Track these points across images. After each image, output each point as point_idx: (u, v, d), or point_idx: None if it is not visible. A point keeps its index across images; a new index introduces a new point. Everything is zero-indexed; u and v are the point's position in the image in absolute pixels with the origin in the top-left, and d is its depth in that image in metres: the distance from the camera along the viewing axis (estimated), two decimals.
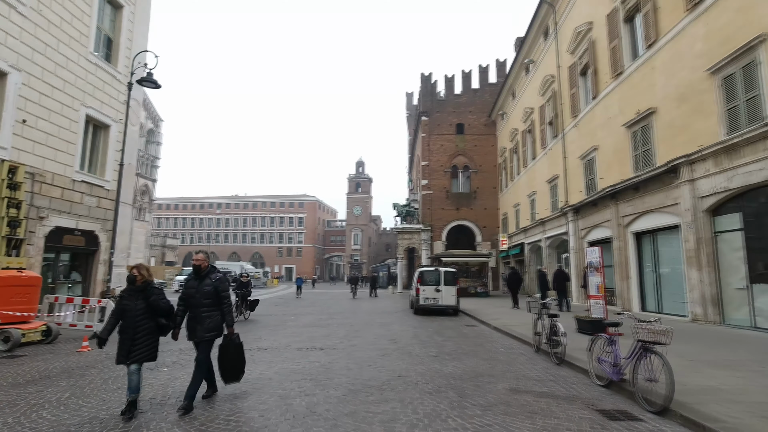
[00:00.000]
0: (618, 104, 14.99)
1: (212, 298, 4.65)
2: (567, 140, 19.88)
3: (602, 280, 9.02)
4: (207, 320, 4.61)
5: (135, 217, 50.83)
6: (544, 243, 23.16)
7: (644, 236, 14.04)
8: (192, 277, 4.80)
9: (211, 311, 4.66)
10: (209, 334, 4.61)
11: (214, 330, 4.65)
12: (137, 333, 4.33)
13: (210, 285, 4.68)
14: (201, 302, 4.63)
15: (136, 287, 4.44)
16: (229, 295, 4.81)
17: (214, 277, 4.73)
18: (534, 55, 24.72)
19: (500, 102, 32.58)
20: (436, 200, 34.40)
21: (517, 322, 12.00)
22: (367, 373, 6.02)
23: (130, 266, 4.64)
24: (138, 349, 4.31)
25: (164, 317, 4.57)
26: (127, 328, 4.34)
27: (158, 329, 4.55)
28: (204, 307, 4.63)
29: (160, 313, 4.50)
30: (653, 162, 12.90)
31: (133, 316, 4.36)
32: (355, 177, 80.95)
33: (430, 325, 12.15)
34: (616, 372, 4.97)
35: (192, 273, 4.84)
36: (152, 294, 4.46)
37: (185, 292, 4.72)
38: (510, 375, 5.97)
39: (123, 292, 4.54)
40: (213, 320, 4.65)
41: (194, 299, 4.65)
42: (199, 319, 4.60)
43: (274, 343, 8.74)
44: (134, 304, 4.39)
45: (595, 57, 16.76)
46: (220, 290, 4.68)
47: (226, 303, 4.73)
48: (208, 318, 4.63)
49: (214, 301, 4.67)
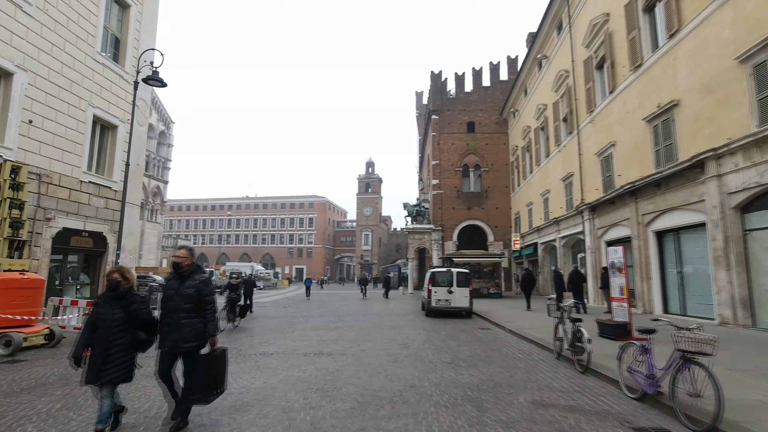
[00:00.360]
0: (637, 98, 14.40)
1: (194, 302, 4.01)
2: (582, 136, 19.28)
3: (626, 281, 8.52)
4: (187, 328, 3.94)
5: (147, 218, 51.31)
6: (559, 242, 22.55)
7: (666, 235, 13.43)
8: (172, 276, 4.16)
9: (193, 318, 3.99)
10: (188, 345, 3.93)
11: (195, 340, 3.96)
12: (111, 348, 3.69)
13: (192, 287, 4.03)
14: (181, 306, 3.96)
15: (116, 294, 3.85)
16: (215, 300, 4.17)
17: (198, 278, 4.09)
18: (547, 50, 24.11)
19: (512, 99, 31.97)
20: (446, 200, 33.92)
21: (533, 325, 11.52)
22: (378, 383, 5.63)
23: (111, 269, 4.02)
24: (111, 368, 3.67)
25: (145, 331, 3.94)
26: (99, 342, 3.70)
27: (136, 345, 3.90)
28: (184, 312, 3.96)
29: (140, 325, 3.89)
30: (676, 157, 12.30)
31: (108, 327, 3.73)
32: (365, 177, 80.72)
33: (443, 328, 11.73)
34: (651, 384, 4.51)
35: (172, 272, 4.18)
36: (133, 302, 3.85)
37: (164, 294, 4.11)
38: (532, 385, 5.53)
39: (99, 299, 3.97)
40: (194, 328, 3.97)
41: (173, 303, 3.99)
42: (178, 326, 3.92)
43: (280, 347, 8.42)
44: (110, 314, 3.78)
45: (612, 49, 16.16)
46: (203, 294, 4.04)
47: (210, 309, 4.08)
48: (188, 326, 3.95)
49: (196, 306, 4.02)
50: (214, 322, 4.10)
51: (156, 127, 52.57)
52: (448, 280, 14.78)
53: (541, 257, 25.96)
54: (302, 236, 79.33)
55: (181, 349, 3.94)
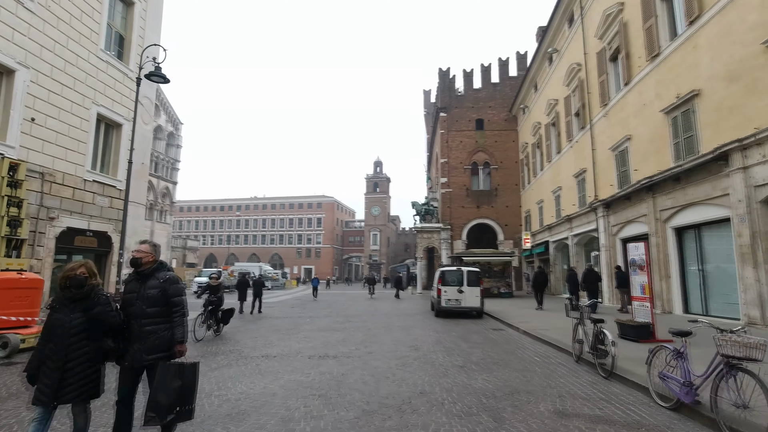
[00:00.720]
0: (654, 89, 13.83)
1: (159, 305, 3.41)
2: (595, 131, 18.70)
3: (648, 279, 8.03)
4: (151, 336, 3.33)
5: (157, 219, 51.56)
6: (571, 241, 21.96)
7: (686, 231, 12.86)
8: (132, 278, 3.56)
9: (158, 324, 3.39)
10: (152, 356, 3.31)
11: (161, 350, 3.36)
12: (71, 360, 3.06)
13: (156, 288, 3.43)
14: (143, 311, 3.36)
15: (76, 294, 3.18)
16: (183, 302, 3.56)
17: (162, 276, 3.49)
18: (558, 44, 23.53)
19: (521, 95, 31.38)
20: (455, 198, 33.43)
21: (548, 325, 11.05)
22: (385, 388, 5.25)
23: (74, 264, 3.31)
24: (71, 384, 3.05)
25: (112, 337, 3.31)
26: (55, 353, 3.05)
27: (102, 355, 3.26)
28: (147, 318, 3.36)
29: (106, 331, 3.26)
30: (697, 149, 11.74)
31: (66, 335, 3.08)
32: (373, 177, 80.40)
33: (454, 329, 11.31)
34: (688, 393, 4.06)
35: (132, 272, 3.60)
36: (96, 304, 3.19)
37: (124, 297, 3.51)
38: (552, 392, 5.10)
39: (54, 302, 3.28)
40: (160, 336, 3.37)
41: (134, 307, 3.38)
42: (140, 334, 3.31)
43: (284, 349, 8.08)
44: (68, 319, 3.12)
45: (626, 40, 15.59)
46: (170, 294, 3.45)
47: (178, 312, 3.49)
48: (153, 333, 3.34)
49: (161, 310, 3.42)
50: (182, 326, 3.51)
51: (165, 128, 52.78)
52: (459, 280, 14.35)
53: (553, 256, 25.38)
54: (310, 236, 79.28)
55: (145, 362, 3.31)
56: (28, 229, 10.89)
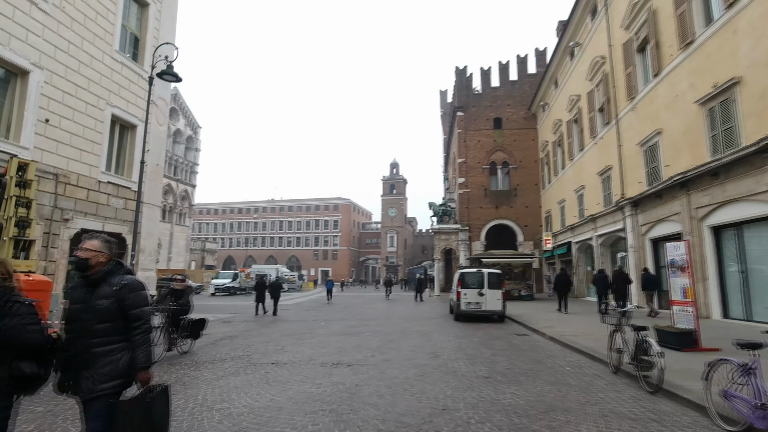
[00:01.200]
0: (687, 79, 12.99)
1: (113, 320, 2.60)
2: (622, 126, 17.85)
3: (691, 281, 7.34)
4: (102, 360, 2.53)
5: (176, 222, 52.28)
6: (596, 241, 21.06)
7: (725, 230, 12.00)
8: (78, 283, 2.74)
9: (111, 344, 2.57)
10: (106, 386, 2.51)
11: (115, 377, 2.55)
12: None
13: (109, 297, 2.60)
14: (92, 328, 2.54)
15: None
16: (147, 314, 2.72)
17: (118, 282, 2.65)
18: (580, 38, 22.69)
19: (541, 92, 30.51)
20: (473, 199, 32.71)
21: (576, 331, 10.38)
22: (403, 403, 4.74)
23: None
24: None
25: (34, 360, 2.44)
26: None
27: (18, 384, 2.39)
28: (97, 336, 2.54)
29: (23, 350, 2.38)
30: (738, 142, 10.90)
31: None
32: (389, 179, 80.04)
33: (475, 333, 10.73)
34: (762, 416, 3.45)
35: (78, 277, 2.76)
36: (11, 313, 2.33)
37: (67, 312, 2.73)
38: (593, 410, 4.49)
39: None
40: (113, 360, 2.56)
41: (80, 322, 2.57)
42: (89, 358, 2.52)
43: (296, 355, 7.67)
44: None
45: (656, 29, 14.76)
46: (128, 306, 2.63)
47: (139, 328, 2.65)
48: (105, 356, 2.54)
49: (116, 326, 2.61)
50: (146, 347, 2.64)
51: (183, 132, 53.55)
52: (479, 282, 13.74)
53: (576, 257, 24.46)
54: (327, 238, 79.35)
55: (94, 393, 2.49)
56: (41, 231, 10.80)
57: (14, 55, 10.68)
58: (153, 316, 2.70)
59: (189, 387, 5.38)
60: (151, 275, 15.63)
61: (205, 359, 7.30)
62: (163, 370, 6.42)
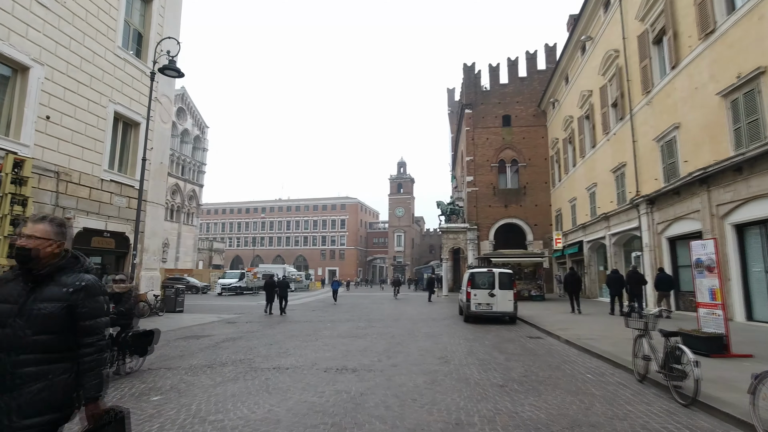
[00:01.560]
0: (708, 70, 12.43)
1: (57, 330, 1.92)
2: (636, 121, 17.26)
3: (720, 282, 6.86)
4: (32, 385, 1.84)
5: (184, 221, 52.36)
6: (609, 240, 20.46)
7: (749, 228, 11.43)
8: (10, 275, 2.01)
9: (49, 363, 1.90)
10: (33, 422, 1.82)
11: (51, 410, 1.88)
12: None
13: (58, 300, 1.94)
14: (24, 340, 1.85)
15: None
16: (103, 328, 2.05)
17: (74, 282, 1.99)
18: (592, 31, 22.08)
19: (551, 89, 29.88)
20: (482, 197, 32.18)
21: (591, 333, 9.91)
22: (412, 416, 4.34)
23: None
24: None
25: None
26: None
27: None
28: (29, 351, 1.86)
29: None
30: (763, 134, 10.35)
31: None
32: (396, 178, 79.59)
33: (486, 336, 10.30)
34: None
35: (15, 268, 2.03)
36: None
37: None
38: (622, 425, 4.02)
39: None
40: (49, 386, 1.88)
41: (6, 329, 1.85)
42: (12, 379, 1.82)
43: (299, 359, 7.31)
44: None
45: (674, 18, 14.19)
46: (81, 315, 1.97)
47: (91, 347, 1.99)
48: (37, 380, 1.86)
49: (59, 340, 1.93)
50: (98, 371, 1.99)
51: (191, 131, 53.62)
52: (490, 282, 13.29)
53: (588, 256, 23.85)
54: (334, 238, 79.16)
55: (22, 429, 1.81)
56: None
57: (14, 51, 10.47)
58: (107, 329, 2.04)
59: (184, 395, 5.04)
60: (155, 275, 15.41)
61: (205, 363, 6.97)
62: (159, 375, 6.10)
